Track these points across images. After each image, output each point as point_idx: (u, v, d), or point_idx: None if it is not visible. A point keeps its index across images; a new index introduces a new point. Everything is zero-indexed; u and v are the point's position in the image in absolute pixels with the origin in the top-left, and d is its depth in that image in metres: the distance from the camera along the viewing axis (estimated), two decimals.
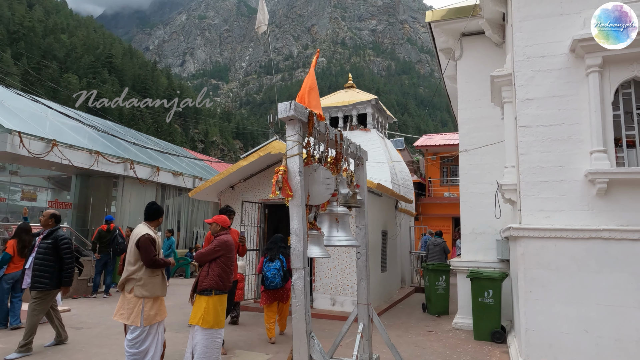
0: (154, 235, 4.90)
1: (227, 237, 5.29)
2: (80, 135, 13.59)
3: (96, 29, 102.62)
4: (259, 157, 9.40)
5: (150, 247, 4.74)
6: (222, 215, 5.45)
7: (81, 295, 10.56)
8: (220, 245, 5.14)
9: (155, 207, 5.10)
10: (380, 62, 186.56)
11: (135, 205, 14.84)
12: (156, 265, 4.80)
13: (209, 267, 5.08)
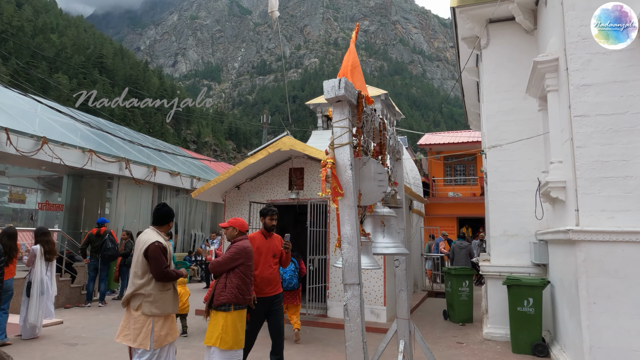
0: (164, 242, 4.19)
1: (245, 242, 4.60)
2: (72, 133, 12.79)
3: (86, 28, 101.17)
4: (268, 155, 8.70)
5: (161, 258, 4.04)
6: (239, 219, 4.74)
7: (74, 304, 9.78)
8: (239, 252, 4.45)
9: (166, 209, 4.38)
10: (373, 62, 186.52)
11: (130, 207, 14.06)
12: (168, 278, 4.10)
13: (227, 279, 4.39)
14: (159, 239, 4.13)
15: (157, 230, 4.27)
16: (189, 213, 16.94)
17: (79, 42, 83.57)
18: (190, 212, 16.97)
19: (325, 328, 8.05)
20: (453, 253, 12.06)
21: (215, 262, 4.47)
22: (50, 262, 7.11)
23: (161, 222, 4.32)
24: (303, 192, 9.05)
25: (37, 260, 6.84)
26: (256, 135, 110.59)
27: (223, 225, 4.72)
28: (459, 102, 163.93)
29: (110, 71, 78.67)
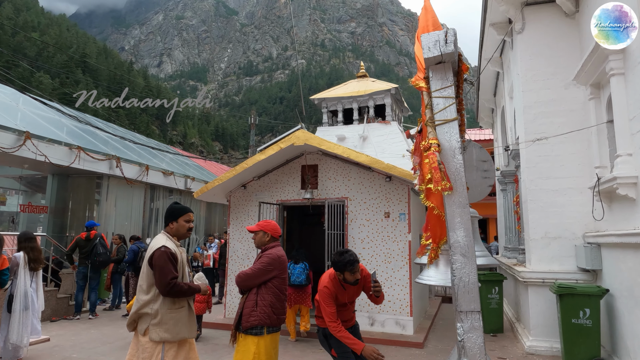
0: (174, 248, 3.37)
1: (279, 251, 3.81)
2: (57, 129, 11.79)
3: (69, 27, 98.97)
4: (279, 150, 7.89)
5: (167, 267, 3.23)
6: (270, 221, 3.92)
7: (61, 316, 8.82)
8: (272, 262, 3.65)
9: (178, 207, 3.57)
10: (359, 64, 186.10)
11: (121, 209, 13.07)
12: (176, 292, 3.27)
13: (258, 295, 3.58)
14: (168, 244, 3.32)
15: (168, 234, 3.47)
16: None
17: (61, 41, 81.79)
18: None
19: None
20: None
21: (243, 275, 3.64)
22: (35, 271, 6.18)
23: (165, 221, 3.54)
24: (317, 191, 8.24)
25: (21, 269, 5.91)
26: (243, 137, 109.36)
27: (252, 229, 3.89)
28: None
29: (93, 71, 77.10)
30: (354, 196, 8.04)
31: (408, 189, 7.72)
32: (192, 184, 15.80)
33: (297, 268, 7.24)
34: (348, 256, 3.70)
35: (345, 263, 3.68)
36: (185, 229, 3.50)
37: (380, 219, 7.82)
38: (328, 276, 3.85)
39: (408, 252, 7.55)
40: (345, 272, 3.70)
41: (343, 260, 3.70)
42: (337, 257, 3.76)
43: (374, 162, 7.44)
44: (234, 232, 8.82)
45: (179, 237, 3.51)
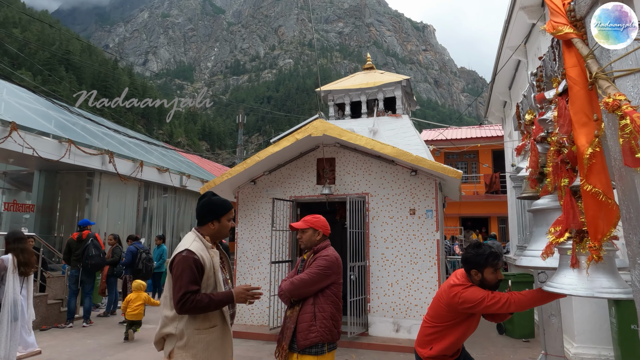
0: (202, 252, 2.61)
1: (334, 251, 3.18)
2: (45, 121, 10.95)
3: (52, 24, 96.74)
4: (295, 142, 7.23)
5: (184, 278, 2.48)
6: (319, 217, 3.28)
7: (52, 324, 8.02)
8: (331, 265, 3.03)
9: (221, 202, 2.80)
10: (347, 64, 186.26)
11: (114, 208, 12.27)
12: (193, 309, 2.48)
13: (315, 306, 2.95)
14: (194, 247, 2.59)
15: (199, 232, 2.73)
16: (177, 214, 15.21)
17: (43, 37, 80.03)
18: (178, 213, 15.24)
19: (369, 350, 6.63)
20: None
21: (298, 281, 2.98)
22: (26, 277, 5.43)
23: (201, 219, 2.77)
24: (335, 186, 7.61)
25: (9, 274, 5.17)
26: (230, 136, 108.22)
27: (299, 227, 3.22)
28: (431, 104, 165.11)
29: (77, 68, 75.60)
30: (376, 192, 7.43)
31: (435, 183, 7.14)
32: (187, 181, 15.05)
33: None
34: (487, 248, 2.88)
35: (486, 256, 2.82)
36: (228, 230, 2.80)
37: (404, 216, 7.22)
38: (460, 283, 2.90)
39: (436, 252, 6.97)
40: (487, 268, 2.82)
41: (483, 253, 2.83)
42: (474, 251, 2.89)
43: (401, 154, 6.83)
44: (242, 231, 8.13)
45: (217, 238, 2.80)
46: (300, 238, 3.20)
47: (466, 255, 2.94)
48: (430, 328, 3.00)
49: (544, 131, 2.55)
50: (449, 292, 2.94)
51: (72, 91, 56.19)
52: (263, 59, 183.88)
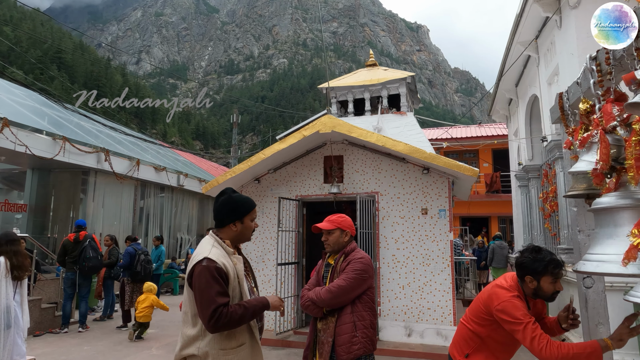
0: (223, 259, 2.26)
1: (366, 254, 2.89)
2: (38, 117, 10.56)
3: (43, 22, 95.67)
4: (302, 138, 6.94)
5: (210, 290, 2.14)
6: (345, 217, 3.00)
7: (46, 330, 7.66)
8: (368, 268, 2.78)
9: (244, 200, 2.45)
10: (342, 64, 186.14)
11: (109, 208, 11.89)
12: (228, 324, 2.14)
13: (354, 314, 2.67)
14: (214, 254, 2.25)
15: (217, 236, 2.39)
16: (174, 214, 14.84)
17: (35, 36, 79.01)
18: (175, 213, 14.88)
19: (380, 355, 6.34)
20: (493, 253, 12.04)
21: (336, 289, 2.67)
22: (19, 281, 5.08)
23: (221, 220, 2.41)
24: (343, 185, 7.32)
25: (1, 279, 4.81)
26: (224, 136, 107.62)
27: (324, 227, 2.93)
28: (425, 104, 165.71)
29: (69, 67, 74.84)
30: (386, 190, 7.15)
31: (448, 181, 6.87)
32: (185, 180, 14.69)
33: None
34: (547, 253, 2.53)
35: (547, 263, 2.46)
36: (251, 231, 2.47)
37: (416, 216, 6.94)
38: (510, 288, 2.59)
39: (450, 253, 6.69)
40: (545, 276, 2.47)
41: (543, 259, 2.47)
42: (532, 255, 2.50)
43: (414, 151, 6.55)
44: None
45: (238, 241, 2.47)
46: (326, 240, 2.92)
47: (522, 260, 2.59)
48: (468, 330, 2.70)
49: (616, 120, 2.27)
50: (490, 291, 2.67)
51: (65, 90, 55.53)
52: (257, 58, 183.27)
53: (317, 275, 3.00)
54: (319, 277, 2.96)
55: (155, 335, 7.55)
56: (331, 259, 2.96)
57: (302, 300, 2.89)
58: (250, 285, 2.44)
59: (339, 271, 2.79)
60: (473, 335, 2.68)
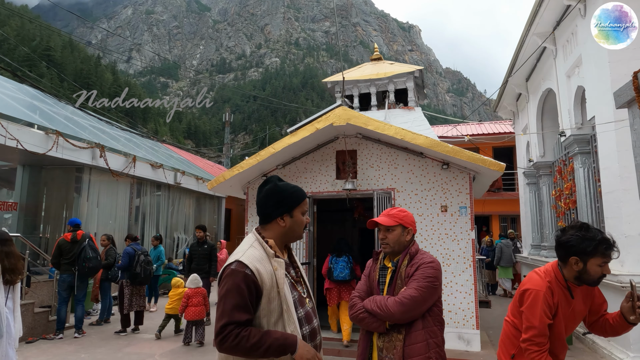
0: (260, 264, 1.85)
1: (431, 255, 2.51)
2: (30, 111, 10.04)
3: (32, 19, 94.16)
4: (315, 131, 6.53)
5: (233, 298, 1.77)
6: (406, 210, 2.58)
7: (39, 336, 7.17)
8: (438, 274, 2.37)
9: (292, 190, 2.05)
10: (334, 63, 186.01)
11: (104, 206, 11.38)
12: (234, 348, 1.74)
13: (425, 330, 2.26)
14: (248, 256, 1.86)
15: (260, 234, 2.01)
16: (171, 213, 14.35)
17: (23, 33, 77.95)
18: (172, 212, 14.39)
19: None
20: (501, 252, 12.04)
21: (409, 301, 2.22)
22: (12, 285, 4.61)
23: (266, 215, 2.03)
24: (357, 181, 6.93)
25: None
26: (216, 135, 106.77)
27: (384, 223, 2.48)
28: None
29: (59, 65, 73.79)
30: (402, 187, 6.77)
31: (469, 177, 6.51)
32: (182, 178, 14.22)
33: (340, 262, 6.50)
34: (598, 232, 2.19)
35: (597, 242, 2.14)
36: (302, 227, 2.06)
37: (435, 213, 6.57)
38: (544, 274, 2.32)
39: (472, 253, 6.34)
40: (594, 257, 2.15)
41: (594, 238, 2.15)
42: (580, 233, 2.19)
43: (435, 145, 6.18)
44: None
45: (288, 240, 2.06)
46: (384, 238, 2.49)
47: (567, 238, 2.26)
48: (511, 327, 2.40)
49: None
50: (523, 282, 2.40)
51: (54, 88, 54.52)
52: (249, 57, 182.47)
53: (367, 279, 2.58)
54: (373, 282, 2.54)
55: (159, 341, 7.10)
56: (387, 261, 2.55)
57: (353, 311, 2.45)
58: (300, 294, 2.00)
59: (404, 277, 2.38)
60: (516, 332, 2.38)
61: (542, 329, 2.21)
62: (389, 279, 2.45)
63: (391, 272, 2.47)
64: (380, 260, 2.59)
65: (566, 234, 2.30)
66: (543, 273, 2.35)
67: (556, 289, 2.28)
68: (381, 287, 2.48)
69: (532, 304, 2.23)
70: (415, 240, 2.57)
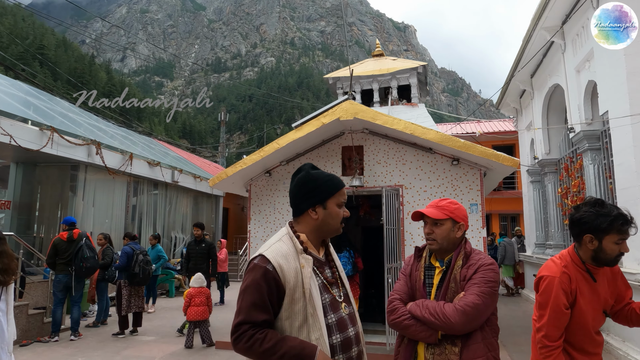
0: (281, 259, 1.66)
1: (486, 254, 2.25)
2: (24, 106, 9.76)
3: (25, 17, 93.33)
4: (321, 126, 6.31)
5: (252, 295, 1.62)
6: (456, 202, 2.26)
7: (34, 338, 6.91)
8: (498, 277, 2.08)
9: (326, 177, 1.82)
10: (329, 63, 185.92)
11: (100, 205, 11.12)
12: (248, 350, 1.58)
13: (484, 342, 1.98)
14: (273, 251, 1.69)
15: (292, 228, 1.81)
16: (168, 212, 14.09)
17: (16, 31, 77.21)
18: (169, 211, 14.13)
19: None
20: (505, 250, 12.10)
21: (472, 309, 1.93)
22: (5, 286, 4.36)
23: (297, 206, 1.83)
24: (364, 177, 6.72)
25: None
26: (211, 134, 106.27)
27: (432, 215, 2.15)
28: None
29: (52, 64, 73.09)
30: (411, 183, 6.57)
31: (480, 173, 6.32)
32: (179, 176, 13.96)
33: (342, 258, 6.24)
34: (613, 207, 2.05)
35: (613, 218, 2.01)
36: (338, 220, 1.81)
37: None
38: (559, 259, 2.17)
39: (483, 251, 6.13)
40: (610, 234, 2.01)
41: (609, 214, 2.02)
42: (594, 209, 2.05)
43: (446, 140, 5.98)
44: (256, 229, 7.16)
45: (323, 234, 1.84)
46: (431, 233, 2.17)
47: (580, 215, 2.09)
48: (535, 322, 2.18)
49: None
50: (539, 270, 2.22)
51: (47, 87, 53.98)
52: (244, 56, 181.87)
53: (408, 279, 2.25)
54: (416, 283, 2.20)
55: (159, 344, 6.86)
56: (433, 259, 2.23)
57: (395, 316, 2.11)
58: (334, 297, 1.76)
59: (459, 280, 2.06)
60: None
61: (554, 320, 2.04)
62: (438, 280, 2.15)
63: (441, 272, 2.16)
64: (425, 258, 2.25)
65: (580, 210, 2.14)
66: (558, 259, 2.19)
67: (574, 273, 2.10)
68: (428, 289, 2.16)
69: (546, 292, 2.08)
70: (467, 238, 2.31)
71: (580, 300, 2.07)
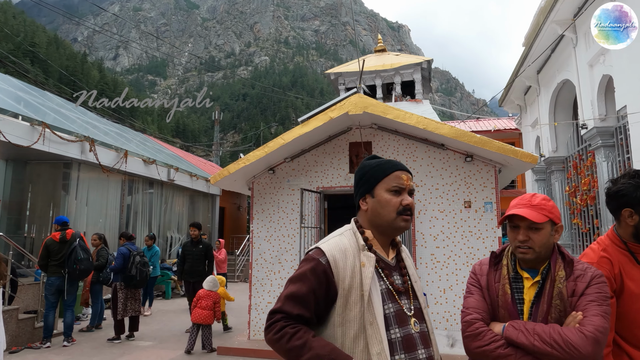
0: (338, 254, 1.44)
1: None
2: (14, 101, 9.37)
3: (15, 15, 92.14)
4: (329, 121, 6.02)
5: (296, 286, 1.43)
6: (550, 199, 1.80)
7: (24, 344, 6.55)
8: (609, 291, 1.73)
9: (365, 164, 1.58)
10: (324, 62, 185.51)
11: (94, 204, 10.75)
12: (280, 347, 1.38)
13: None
14: (331, 244, 1.49)
15: (357, 223, 1.57)
16: (164, 211, 13.73)
17: (6, 28, 76.09)
18: (165, 210, 13.77)
19: None
20: None
21: (602, 335, 1.52)
22: None
23: (355, 199, 1.61)
24: None
25: None
26: (205, 133, 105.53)
27: (530, 217, 1.66)
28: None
29: (43, 62, 72.19)
30: (422, 181, 6.30)
31: (495, 170, 6.06)
32: (175, 174, 13.60)
33: None
34: None
35: None
36: (390, 208, 1.49)
37: (458, 209, 6.11)
38: (597, 244, 1.91)
39: None
40: None
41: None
42: (633, 181, 1.81)
43: (461, 135, 5.71)
44: (259, 228, 6.85)
45: (382, 229, 1.53)
46: (526, 240, 1.69)
47: (617, 188, 1.84)
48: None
49: None
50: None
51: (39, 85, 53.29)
52: (238, 55, 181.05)
53: (486, 293, 1.79)
54: (501, 298, 1.73)
55: (157, 350, 6.53)
56: (520, 269, 1.78)
57: (483, 342, 1.64)
58: (402, 309, 1.46)
59: (566, 296, 1.64)
60: None
61: (603, 327, 1.73)
62: (533, 295, 1.71)
63: (535, 285, 1.72)
64: (507, 267, 1.79)
65: (617, 183, 1.88)
66: (597, 244, 1.93)
67: (616, 255, 1.82)
68: (519, 307, 1.72)
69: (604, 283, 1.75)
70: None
71: (629, 284, 1.78)
